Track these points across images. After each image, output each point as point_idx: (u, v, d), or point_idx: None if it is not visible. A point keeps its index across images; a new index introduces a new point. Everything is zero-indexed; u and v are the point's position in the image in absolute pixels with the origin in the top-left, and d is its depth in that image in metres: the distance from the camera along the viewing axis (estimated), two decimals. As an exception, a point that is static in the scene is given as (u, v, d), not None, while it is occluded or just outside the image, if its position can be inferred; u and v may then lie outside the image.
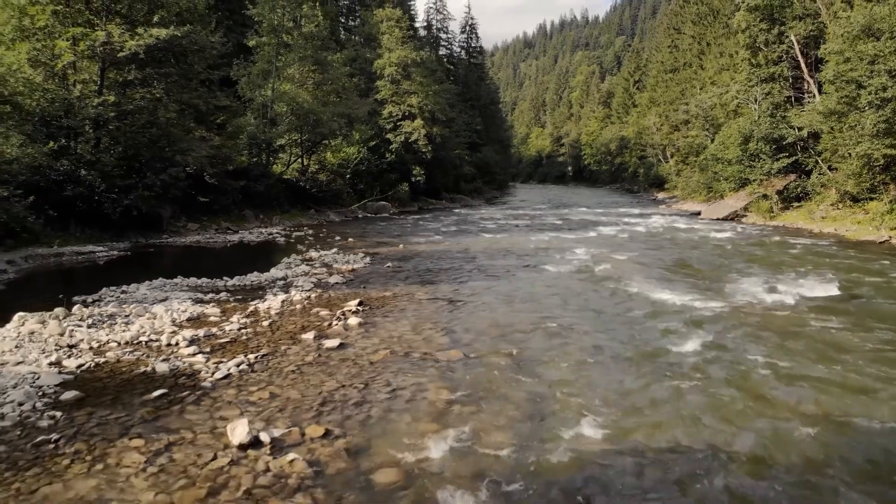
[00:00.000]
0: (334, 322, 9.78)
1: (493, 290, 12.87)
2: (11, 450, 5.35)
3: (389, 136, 43.18)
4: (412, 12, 64.21)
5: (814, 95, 30.15)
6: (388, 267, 15.89)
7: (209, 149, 25.15)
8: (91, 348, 8.19)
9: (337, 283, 13.43)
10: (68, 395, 6.57)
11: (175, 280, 12.98)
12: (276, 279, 13.68)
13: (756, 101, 32.95)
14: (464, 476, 5.00)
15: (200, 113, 25.07)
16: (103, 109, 20.41)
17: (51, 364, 7.50)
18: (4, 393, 6.57)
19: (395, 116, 44.29)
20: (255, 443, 5.40)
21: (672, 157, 62.44)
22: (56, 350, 8.01)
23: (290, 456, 5.20)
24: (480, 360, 8.05)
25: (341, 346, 8.48)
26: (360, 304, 10.99)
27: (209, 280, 13.17)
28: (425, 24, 69.48)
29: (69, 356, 7.83)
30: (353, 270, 15.21)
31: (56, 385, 6.84)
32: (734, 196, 34.76)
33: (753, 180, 31.50)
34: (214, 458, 5.18)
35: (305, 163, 36.38)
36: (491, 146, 70.78)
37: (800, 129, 29.16)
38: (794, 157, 30.15)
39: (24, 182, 17.62)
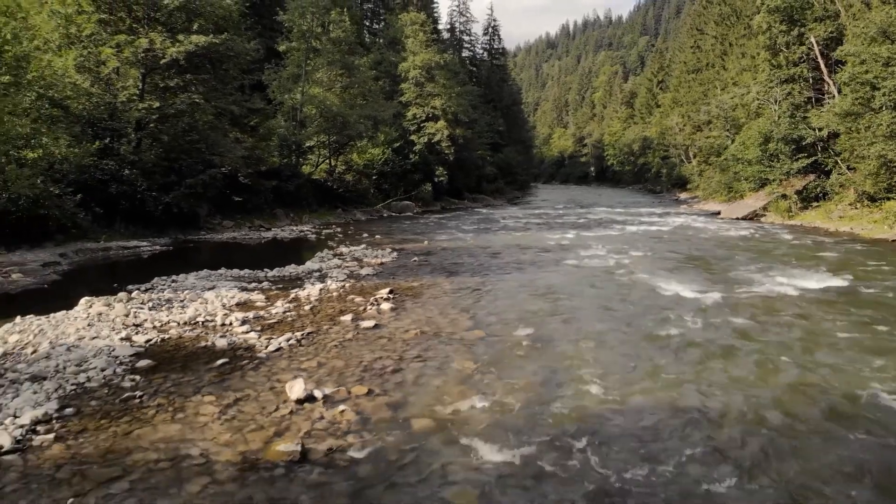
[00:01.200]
0: (368, 307, 10.76)
1: (514, 281, 13.77)
2: (103, 404, 6.37)
3: (413, 137, 44.09)
4: (435, 15, 64.99)
5: (833, 96, 30.41)
6: (415, 261, 16.83)
7: (243, 150, 26.32)
8: (155, 327, 9.24)
9: (368, 274, 14.42)
10: (142, 363, 7.60)
11: (219, 271, 14.06)
12: (312, 271, 14.71)
13: (776, 101, 33.26)
14: (487, 425, 5.94)
15: (235, 116, 26.27)
16: (146, 113, 21.65)
17: (122, 339, 8.54)
18: (87, 361, 7.61)
19: (418, 118, 45.25)
20: (310, 398, 6.39)
21: (694, 157, 62.53)
22: (124, 328, 9.06)
23: (341, 407, 6.18)
24: (501, 338, 8.98)
25: (376, 326, 9.45)
26: (390, 292, 11.93)
27: (251, 271, 14.24)
28: (448, 26, 70.28)
29: (136, 333, 8.87)
30: (381, 264, 16.18)
31: (130, 356, 7.87)
32: (754, 196, 35.11)
33: (773, 180, 31.78)
34: (277, 409, 6.17)
35: (333, 163, 37.52)
36: (513, 147, 71.29)
37: (819, 129, 29.48)
38: (813, 158, 30.39)
39: (74, 181, 18.86)
